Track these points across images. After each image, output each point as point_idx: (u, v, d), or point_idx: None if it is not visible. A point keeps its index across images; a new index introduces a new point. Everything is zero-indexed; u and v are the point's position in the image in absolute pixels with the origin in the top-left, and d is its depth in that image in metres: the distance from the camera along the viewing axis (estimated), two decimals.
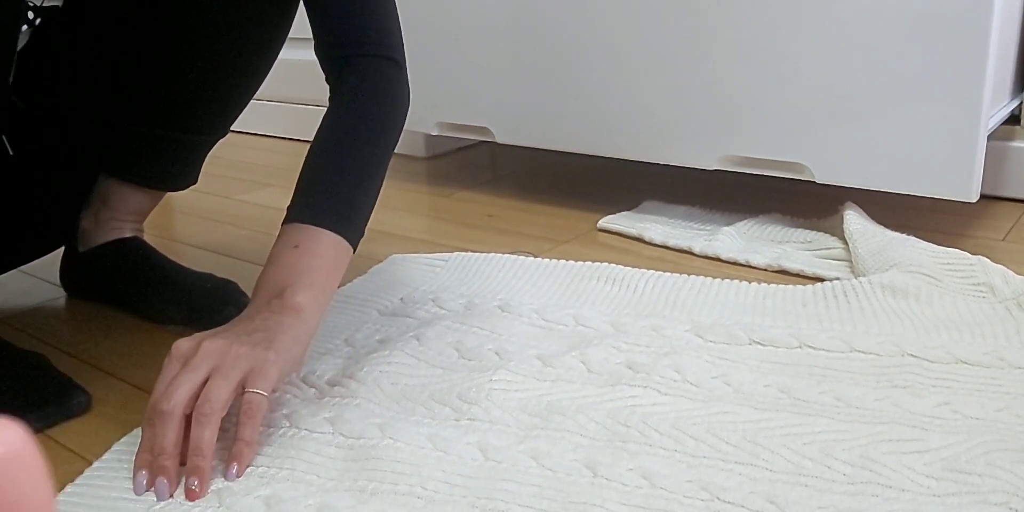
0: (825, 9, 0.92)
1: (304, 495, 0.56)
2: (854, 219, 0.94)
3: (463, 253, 0.98)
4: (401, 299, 0.88)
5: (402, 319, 0.83)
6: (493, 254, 0.97)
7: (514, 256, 0.97)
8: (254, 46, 0.82)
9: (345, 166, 0.70)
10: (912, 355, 0.71)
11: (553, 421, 0.63)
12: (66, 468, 0.62)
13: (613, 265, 0.92)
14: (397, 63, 0.76)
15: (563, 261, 0.94)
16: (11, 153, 0.78)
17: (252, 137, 1.81)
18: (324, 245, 0.67)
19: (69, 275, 0.94)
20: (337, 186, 0.69)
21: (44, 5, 0.69)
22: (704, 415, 0.64)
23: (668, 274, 0.90)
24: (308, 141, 1.71)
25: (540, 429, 0.63)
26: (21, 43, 0.73)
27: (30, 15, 0.69)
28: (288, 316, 0.63)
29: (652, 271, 0.90)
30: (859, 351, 0.72)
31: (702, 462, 0.59)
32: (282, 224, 0.69)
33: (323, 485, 0.57)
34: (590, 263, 0.93)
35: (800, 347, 0.74)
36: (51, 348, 0.82)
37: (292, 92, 1.73)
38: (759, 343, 0.75)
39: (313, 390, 0.70)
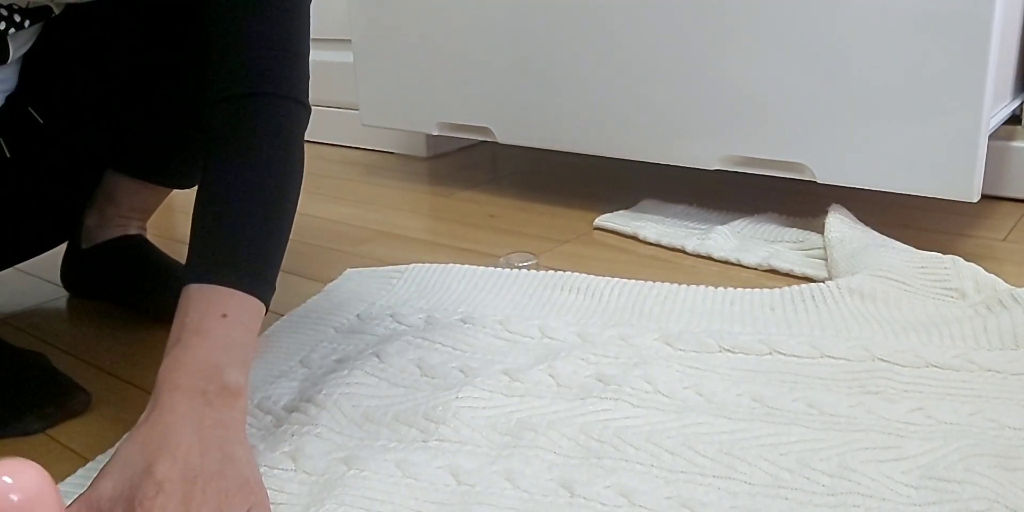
0: (826, 9, 0.91)
1: None
2: (835, 226, 0.94)
3: (420, 264, 0.96)
4: (358, 315, 0.85)
5: (360, 336, 0.80)
6: (451, 264, 0.95)
7: (472, 267, 0.94)
8: None
9: (260, 218, 0.62)
10: (882, 359, 0.70)
11: (524, 438, 0.61)
12: (66, 468, 0.62)
13: (577, 274, 0.90)
14: (303, 105, 0.68)
15: (524, 271, 0.92)
16: (8, 156, 0.78)
17: None
18: (251, 313, 0.59)
19: (70, 272, 0.94)
20: (256, 241, 0.62)
21: (30, 7, 0.66)
22: (678, 427, 0.62)
23: (634, 281, 0.88)
24: (311, 141, 1.68)
25: (512, 448, 0.60)
26: (27, 47, 0.72)
27: (16, 18, 0.66)
28: (228, 408, 0.55)
29: (617, 279, 0.89)
30: (829, 356, 0.71)
31: (680, 477, 0.57)
32: (193, 282, 0.59)
33: None
34: (552, 272, 0.91)
35: (771, 353, 0.72)
36: (51, 348, 0.82)
37: None
38: (729, 350, 0.73)
39: (270, 417, 0.67)
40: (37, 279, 1.00)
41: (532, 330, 0.79)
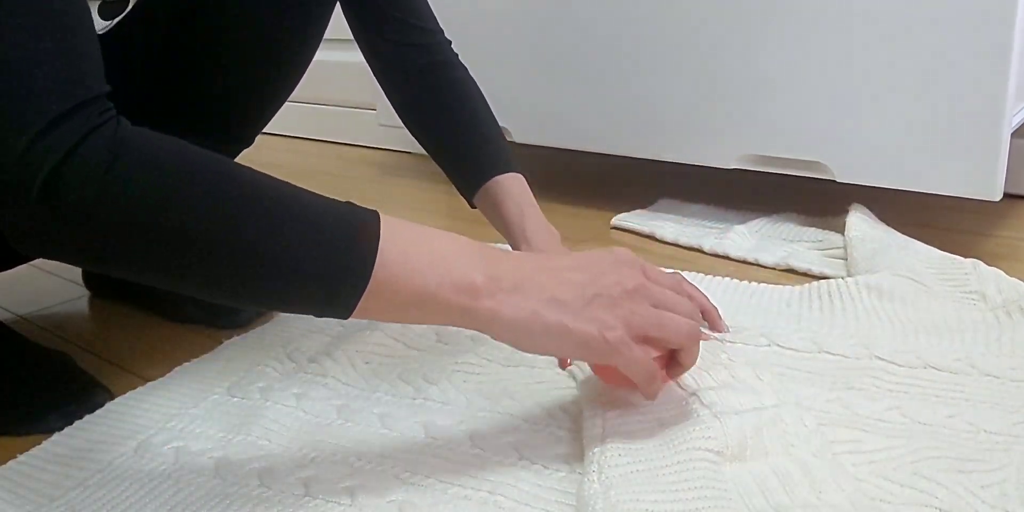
0: (846, 6, 0.90)
1: (251, 459, 0.61)
2: (856, 225, 0.92)
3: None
4: None
5: None
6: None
7: None
8: (285, 62, 0.84)
9: (493, 124, 0.90)
10: (880, 358, 0.70)
11: (501, 404, 0.66)
12: None
13: None
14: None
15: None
16: None
17: (272, 137, 1.80)
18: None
19: (92, 274, 0.96)
20: (500, 141, 0.89)
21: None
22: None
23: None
24: (329, 142, 1.74)
25: (487, 412, 0.66)
26: None
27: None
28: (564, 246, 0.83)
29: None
30: (828, 352, 0.72)
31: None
32: (500, 173, 0.86)
33: (272, 450, 0.62)
34: None
35: (769, 345, 0.73)
36: (74, 346, 0.83)
37: (313, 93, 1.75)
38: (729, 340, 0.75)
39: (293, 364, 0.75)
40: (61, 279, 1.01)
41: None
